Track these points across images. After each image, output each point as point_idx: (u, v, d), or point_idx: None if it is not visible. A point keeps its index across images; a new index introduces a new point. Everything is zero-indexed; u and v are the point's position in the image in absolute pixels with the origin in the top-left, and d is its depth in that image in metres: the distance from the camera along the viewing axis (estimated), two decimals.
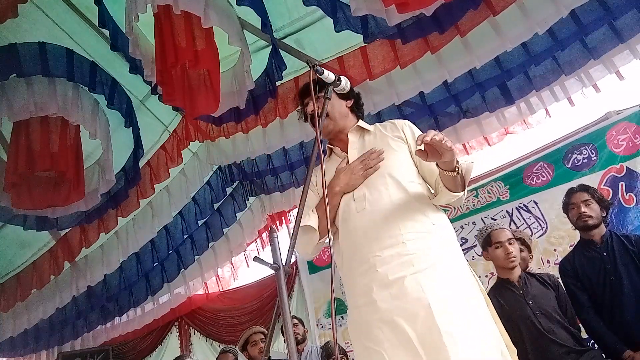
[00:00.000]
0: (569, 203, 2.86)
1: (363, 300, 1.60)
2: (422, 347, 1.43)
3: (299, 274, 5.40)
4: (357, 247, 1.65)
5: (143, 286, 5.32)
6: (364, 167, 1.73)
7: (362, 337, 1.59)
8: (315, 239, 1.75)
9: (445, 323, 1.42)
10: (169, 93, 3.21)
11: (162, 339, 6.51)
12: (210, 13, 2.79)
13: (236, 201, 5.05)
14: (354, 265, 1.66)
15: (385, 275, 1.55)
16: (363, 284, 1.60)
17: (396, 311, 1.50)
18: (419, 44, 3.21)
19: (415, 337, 1.44)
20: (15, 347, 6.09)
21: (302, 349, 3.98)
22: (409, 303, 1.49)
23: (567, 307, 2.68)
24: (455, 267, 1.60)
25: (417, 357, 1.43)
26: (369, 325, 1.56)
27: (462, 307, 1.49)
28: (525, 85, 3.56)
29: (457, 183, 1.61)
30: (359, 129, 1.88)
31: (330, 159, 1.93)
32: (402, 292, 1.51)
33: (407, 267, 1.54)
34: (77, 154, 3.61)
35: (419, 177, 1.75)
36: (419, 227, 1.62)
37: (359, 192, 1.71)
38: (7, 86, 3.30)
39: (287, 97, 3.75)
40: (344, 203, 1.74)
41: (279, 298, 1.37)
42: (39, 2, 3.20)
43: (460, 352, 1.38)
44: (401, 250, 1.57)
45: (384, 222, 1.62)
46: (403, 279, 1.52)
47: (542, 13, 3.00)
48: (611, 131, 3.72)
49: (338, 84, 1.72)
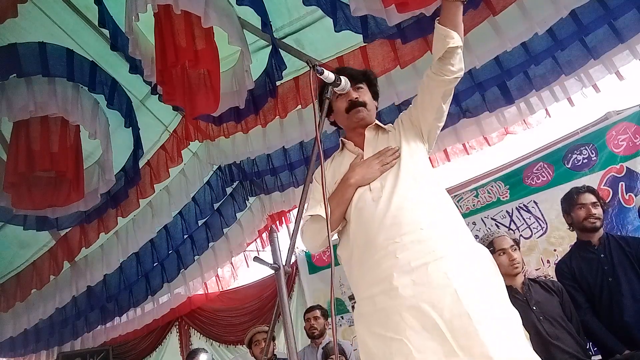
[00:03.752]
0: (577, 202, 2.83)
1: (379, 288, 1.55)
2: (451, 332, 1.40)
3: (299, 274, 5.41)
4: (373, 235, 1.60)
5: (143, 286, 5.32)
6: (381, 163, 1.72)
7: (376, 327, 1.54)
8: (325, 231, 1.69)
9: (474, 308, 1.41)
10: (169, 93, 3.21)
11: (162, 339, 6.51)
12: (210, 13, 2.79)
13: (236, 201, 5.05)
14: (367, 255, 1.62)
15: (406, 261, 1.52)
16: (379, 271, 1.56)
17: (421, 297, 1.46)
18: (419, 44, 3.21)
19: (443, 323, 1.41)
20: (15, 347, 6.09)
21: (320, 343, 3.97)
22: (434, 289, 1.46)
23: (571, 314, 2.64)
24: (475, 253, 1.59)
25: (445, 343, 1.40)
26: (386, 313, 1.51)
27: (486, 292, 1.48)
28: (525, 85, 3.56)
29: (459, 13, 1.61)
30: (376, 126, 1.89)
31: (341, 153, 1.92)
32: (426, 278, 1.48)
33: (428, 254, 1.51)
34: (77, 154, 3.61)
35: (433, 174, 1.76)
36: (436, 214, 1.61)
37: (375, 184, 1.70)
38: (7, 86, 3.30)
39: (287, 96, 3.75)
40: (358, 194, 1.71)
41: (278, 298, 1.37)
42: (39, 2, 3.19)
43: (492, 336, 1.37)
44: (420, 237, 1.54)
45: (401, 209, 1.60)
46: (426, 265, 1.50)
47: (542, 13, 3.00)
48: (611, 131, 3.72)
49: (338, 84, 1.72)
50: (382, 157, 1.74)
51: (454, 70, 1.67)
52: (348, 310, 4.94)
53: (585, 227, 2.79)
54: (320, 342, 3.97)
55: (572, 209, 2.87)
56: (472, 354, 1.36)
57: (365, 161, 1.77)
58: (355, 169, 1.75)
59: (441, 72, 1.68)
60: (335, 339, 1.36)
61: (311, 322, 4.03)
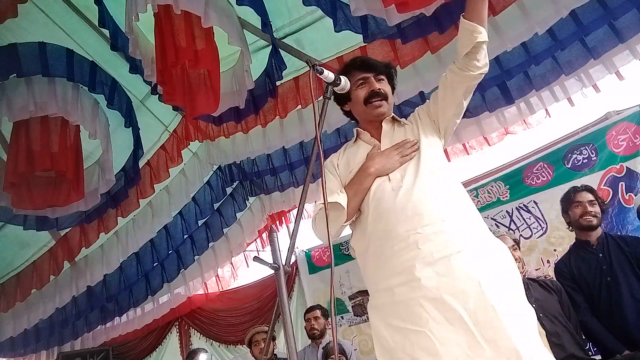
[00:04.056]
0: (574, 201, 2.85)
1: (399, 279, 1.53)
2: (475, 325, 1.38)
3: (299, 274, 5.41)
4: (393, 226, 1.58)
5: (143, 286, 5.31)
6: (400, 154, 1.71)
7: (394, 319, 1.51)
8: (342, 219, 1.68)
9: (498, 302, 1.40)
10: (169, 93, 3.21)
11: (162, 339, 6.51)
12: (210, 13, 2.79)
13: (236, 201, 5.05)
14: (386, 246, 1.59)
15: (429, 252, 1.50)
16: (400, 262, 1.54)
17: (444, 289, 1.44)
18: (419, 44, 3.21)
19: (467, 316, 1.40)
20: (15, 347, 6.08)
21: (320, 343, 3.97)
22: (458, 280, 1.45)
23: (570, 313, 2.65)
24: (495, 248, 1.58)
25: (469, 335, 1.38)
26: (407, 305, 1.48)
27: (507, 287, 1.47)
28: (525, 85, 3.56)
29: (485, 8, 1.61)
30: (393, 119, 1.87)
31: (355, 143, 1.89)
32: (450, 269, 1.46)
33: (451, 246, 1.50)
34: (77, 154, 3.62)
35: (450, 169, 1.76)
36: (457, 207, 1.61)
37: (394, 174, 1.69)
38: (7, 86, 3.30)
39: (287, 96, 3.75)
40: (377, 184, 1.69)
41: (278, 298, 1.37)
42: (39, 2, 3.20)
43: (516, 330, 1.37)
44: (443, 228, 1.53)
45: (423, 201, 1.58)
46: (449, 257, 1.48)
47: (542, 13, 3.00)
48: (611, 131, 3.71)
49: (338, 83, 1.71)
50: (401, 148, 1.73)
51: (479, 65, 1.67)
52: (348, 310, 4.94)
53: (582, 224, 2.80)
54: (321, 342, 3.97)
55: (569, 208, 2.88)
56: (498, 346, 1.35)
57: (384, 152, 1.75)
58: (374, 159, 1.73)
59: (467, 67, 1.67)
60: (335, 339, 1.36)
61: (312, 323, 4.02)
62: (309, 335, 4.08)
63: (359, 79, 1.84)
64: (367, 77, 1.84)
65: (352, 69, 1.87)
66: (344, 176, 1.78)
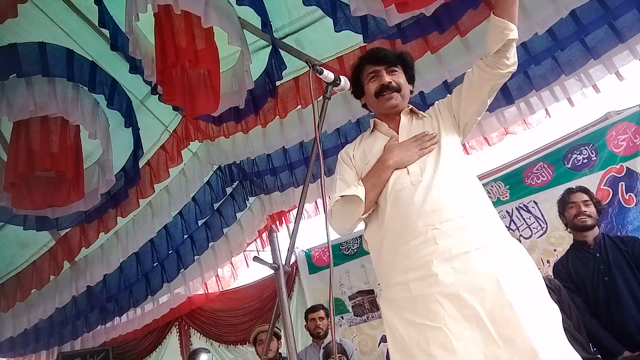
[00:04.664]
0: (569, 202, 2.87)
1: (416, 274, 1.51)
2: (492, 322, 1.37)
3: (299, 274, 5.41)
4: (410, 220, 1.56)
5: (143, 286, 5.32)
6: (419, 147, 1.69)
7: (409, 314, 1.50)
8: (360, 212, 1.66)
9: (516, 300, 1.38)
10: (169, 93, 3.21)
11: (162, 339, 6.51)
12: (210, 13, 2.79)
13: (236, 201, 5.06)
14: (403, 240, 1.57)
15: (447, 248, 1.49)
16: (417, 257, 1.52)
17: (461, 285, 1.43)
18: (419, 44, 3.22)
19: (484, 313, 1.39)
20: (15, 347, 6.09)
21: (322, 343, 3.98)
22: (475, 277, 1.43)
23: (571, 312, 2.64)
24: (513, 246, 1.57)
25: (485, 333, 1.37)
26: (423, 300, 1.47)
27: (527, 285, 1.46)
28: (525, 85, 3.56)
29: (515, 5, 1.57)
30: (411, 111, 1.85)
31: (372, 134, 1.87)
32: (468, 266, 1.45)
33: (470, 242, 1.49)
34: (77, 154, 3.62)
35: (468, 165, 1.75)
36: (476, 204, 1.60)
37: (413, 167, 1.66)
38: (7, 86, 3.30)
39: (287, 96, 3.76)
40: (395, 177, 1.66)
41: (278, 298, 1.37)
42: (39, 2, 3.19)
43: (534, 329, 1.35)
44: (461, 224, 1.52)
45: (442, 196, 1.56)
46: (467, 253, 1.47)
47: (542, 13, 3.00)
48: (611, 131, 3.71)
49: (337, 83, 1.72)
50: (419, 141, 1.70)
51: (508, 63, 1.64)
52: (348, 310, 4.94)
53: (576, 225, 2.81)
54: (323, 342, 3.98)
55: (565, 209, 2.90)
56: (514, 344, 1.34)
57: (402, 143, 1.72)
58: (393, 151, 1.70)
59: (496, 65, 1.64)
60: (334, 339, 1.36)
61: (317, 322, 4.04)
62: (313, 335, 4.09)
63: (370, 72, 1.83)
64: (377, 70, 1.82)
65: (364, 62, 1.86)
66: (360, 167, 1.77)
